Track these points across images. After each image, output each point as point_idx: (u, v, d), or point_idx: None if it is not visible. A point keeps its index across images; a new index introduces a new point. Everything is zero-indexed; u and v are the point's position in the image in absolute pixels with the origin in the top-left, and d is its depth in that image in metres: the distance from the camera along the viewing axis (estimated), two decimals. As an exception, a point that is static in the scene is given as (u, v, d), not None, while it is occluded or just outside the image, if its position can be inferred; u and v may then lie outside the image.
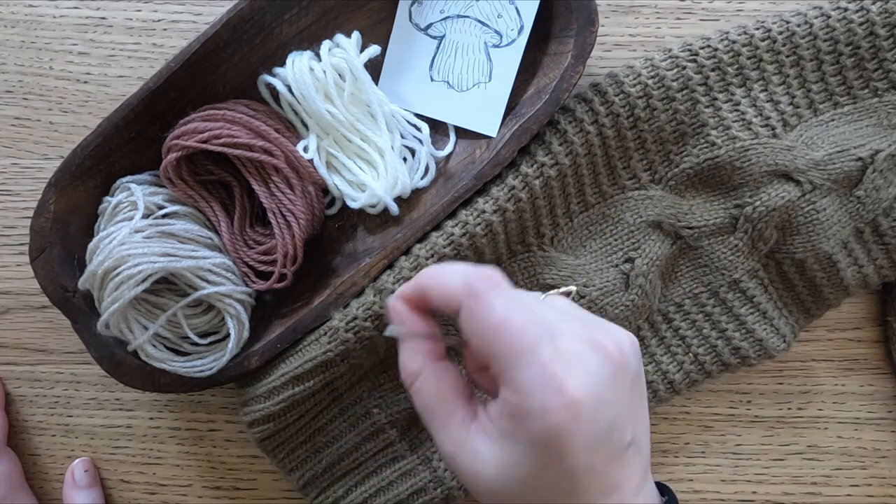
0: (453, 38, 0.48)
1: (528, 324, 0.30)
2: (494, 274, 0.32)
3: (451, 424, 0.32)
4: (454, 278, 0.32)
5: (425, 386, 0.33)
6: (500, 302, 0.31)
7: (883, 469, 0.51)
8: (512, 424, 0.30)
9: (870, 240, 0.48)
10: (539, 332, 0.30)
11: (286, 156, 0.44)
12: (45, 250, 0.44)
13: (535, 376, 0.29)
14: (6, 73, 0.50)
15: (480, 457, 0.31)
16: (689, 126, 0.46)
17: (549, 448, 0.29)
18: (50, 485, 0.51)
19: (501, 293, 0.31)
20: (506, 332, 0.30)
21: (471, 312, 0.31)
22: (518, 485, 0.30)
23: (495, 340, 0.30)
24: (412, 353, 0.34)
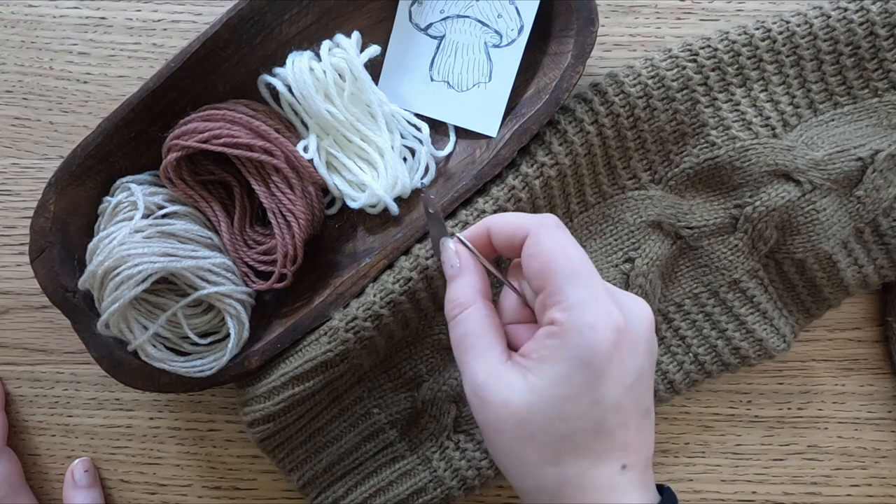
0: (453, 38, 0.48)
1: (584, 256, 0.34)
2: (557, 218, 0.36)
3: (490, 355, 0.34)
4: (521, 216, 0.36)
5: (473, 316, 0.35)
6: (565, 235, 0.35)
7: (883, 469, 0.51)
8: (556, 342, 0.32)
9: (870, 240, 0.48)
10: (591, 267, 0.34)
11: (286, 156, 0.44)
12: (45, 250, 0.44)
13: (589, 297, 0.32)
14: (6, 73, 0.50)
15: (514, 385, 0.33)
16: (689, 126, 0.46)
17: (589, 367, 0.31)
18: (50, 485, 0.51)
19: (564, 230, 0.35)
20: (569, 256, 0.33)
21: (539, 237, 0.34)
22: (548, 408, 0.32)
23: (558, 260, 0.33)
24: (466, 285, 0.36)
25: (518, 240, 0.35)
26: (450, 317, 0.36)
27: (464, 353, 0.35)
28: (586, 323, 0.32)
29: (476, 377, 0.34)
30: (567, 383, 0.32)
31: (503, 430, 0.33)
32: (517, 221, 0.35)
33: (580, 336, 0.32)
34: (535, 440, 0.32)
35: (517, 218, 0.36)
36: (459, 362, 0.35)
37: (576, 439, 0.32)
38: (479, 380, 0.34)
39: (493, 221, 0.37)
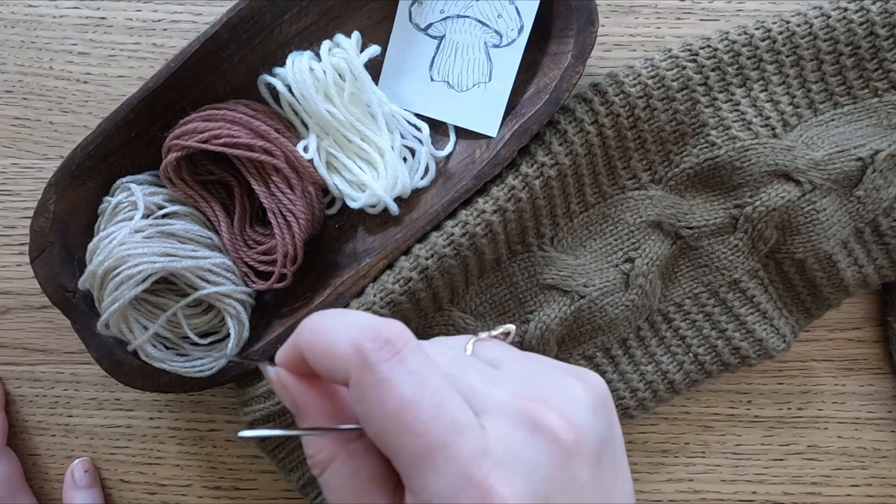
0: (453, 38, 0.48)
1: (442, 407, 0.22)
2: (396, 331, 0.24)
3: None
4: (341, 335, 0.24)
5: (337, 478, 0.25)
6: (403, 377, 0.23)
7: (883, 469, 0.51)
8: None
9: (870, 240, 0.48)
10: (455, 417, 0.22)
11: (286, 156, 0.44)
12: (45, 250, 0.44)
13: (449, 485, 0.22)
14: (6, 73, 0.50)
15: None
16: (689, 126, 0.46)
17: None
18: (50, 485, 0.51)
19: (405, 363, 0.23)
20: (409, 423, 0.22)
21: (362, 390, 0.23)
22: None
23: (395, 433, 0.22)
24: (316, 437, 0.26)
25: (340, 379, 0.24)
26: (315, 475, 0.27)
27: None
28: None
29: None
30: None
31: None
32: (333, 354, 0.24)
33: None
34: None
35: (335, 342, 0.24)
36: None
37: None
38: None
39: (305, 344, 0.25)
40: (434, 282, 0.45)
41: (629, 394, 0.48)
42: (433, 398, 0.22)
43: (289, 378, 0.26)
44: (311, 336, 0.25)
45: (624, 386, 0.48)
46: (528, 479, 0.22)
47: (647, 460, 0.51)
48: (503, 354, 0.27)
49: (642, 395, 0.48)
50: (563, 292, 0.46)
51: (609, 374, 0.48)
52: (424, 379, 0.23)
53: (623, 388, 0.48)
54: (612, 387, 0.48)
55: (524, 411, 0.23)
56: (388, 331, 0.23)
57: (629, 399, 0.48)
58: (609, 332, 0.47)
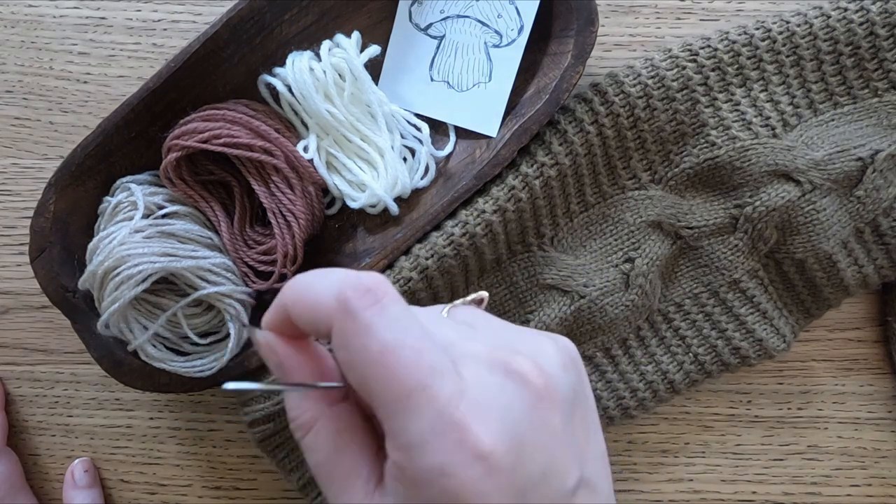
0: (453, 38, 0.48)
1: (422, 352, 0.23)
2: (378, 281, 0.24)
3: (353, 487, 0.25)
4: (323, 289, 0.24)
5: (320, 439, 0.26)
6: (384, 323, 0.23)
7: (883, 469, 0.51)
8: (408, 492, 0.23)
9: (870, 240, 0.48)
10: (434, 362, 0.23)
11: (286, 156, 0.44)
12: (45, 250, 0.44)
13: (429, 425, 0.22)
14: (6, 73, 0.50)
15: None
16: (689, 126, 0.46)
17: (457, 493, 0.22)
18: (50, 485, 0.51)
19: (386, 310, 0.24)
20: (390, 366, 0.23)
21: (344, 338, 0.24)
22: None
23: (376, 378, 0.23)
24: (300, 397, 0.26)
25: (323, 330, 0.25)
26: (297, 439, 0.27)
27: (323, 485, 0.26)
28: (433, 468, 0.22)
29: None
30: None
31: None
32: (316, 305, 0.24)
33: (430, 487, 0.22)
34: None
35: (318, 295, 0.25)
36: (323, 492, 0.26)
37: None
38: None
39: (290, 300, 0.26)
40: (434, 282, 0.45)
41: (629, 394, 0.48)
42: (413, 344, 0.23)
43: (275, 339, 0.26)
44: (294, 293, 0.25)
45: (624, 386, 0.48)
46: (503, 420, 0.23)
47: (647, 460, 0.51)
48: (477, 317, 0.28)
49: (642, 395, 0.48)
50: (563, 292, 0.46)
51: (609, 374, 0.48)
52: (405, 326, 0.24)
53: (623, 388, 0.48)
54: (613, 387, 0.48)
55: (498, 359, 0.24)
56: (369, 281, 0.24)
57: (629, 399, 0.48)
58: (609, 332, 0.47)
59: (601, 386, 0.48)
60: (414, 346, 0.23)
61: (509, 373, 0.24)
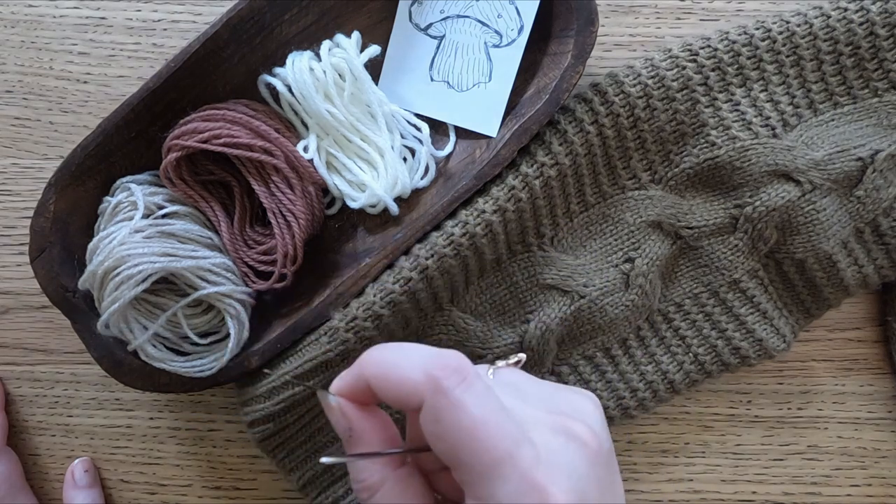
0: (453, 38, 0.48)
1: (504, 424, 0.26)
2: (459, 360, 0.27)
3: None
4: (412, 368, 0.27)
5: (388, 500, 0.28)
6: (472, 400, 0.26)
7: (883, 469, 0.51)
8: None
9: (870, 240, 0.48)
10: (514, 432, 0.26)
11: (286, 156, 0.44)
12: (45, 250, 0.44)
13: (515, 489, 0.25)
14: (6, 73, 0.50)
15: None
16: (689, 126, 0.46)
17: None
18: (50, 485, 0.51)
19: (472, 387, 0.26)
20: (481, 439, 0.25)
21: (437, 413, 0.26)
22: None
23: (468, 449, 0.25)
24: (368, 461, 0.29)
25: (411, 405, 0.27)
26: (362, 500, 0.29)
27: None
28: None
29: None
30: None
31: None
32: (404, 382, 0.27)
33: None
34: None
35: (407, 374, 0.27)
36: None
37: None
38: None
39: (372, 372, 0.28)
40: (434, 282, 0.45)
41: (629, 394, 0.48)
42: (497, 417, 0.26)
43: (348, 406, 0.29)
44: (379, 368, 0.28)
45: (624, 386, 0.48)
46: (570, 479, 0.26)
47: (647, 460, 0.51)
48: (519, 379, 0.31)
49: (642, 395, 0.48)
50: (563, 292, 0.46)
51: (609, 374, 0.48)
52: (488, 401, 0.27)
53: (623, 388, 0.48)
54: (613, 387, 0.48)
55: (558, 424, 0.27)
56: (454, 361, 0.27)
57: (629, 399, 0.48)
58: (609, 332, 0.47)
59: (601, 386, 0.48)
60: (498, 420, 0.26)
61: (570, 437, 0.27)
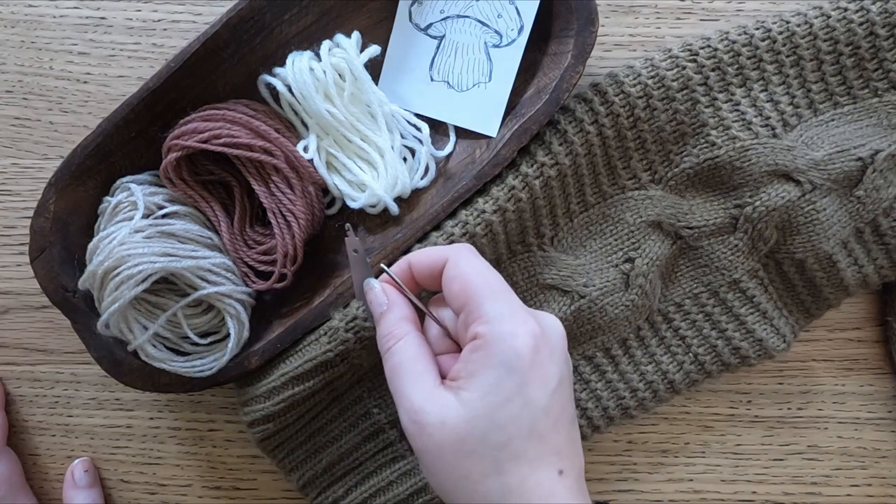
0: (453, 38, 0.48)
1: (500, 280, 0.37)
2: (471, 246, 0.38)
3: (424, 380, 0.35)
4: (439, 248, 0.38)
5: (408, 345, 0.37)
6: (479, 261, 0.37)
7: (883, 469, 0.51)
8: (481, 354, 0.34)
9: (870, 240, 0.48)
10: (507, 287, 0.37)
11: (286, 156, 0.44)
12: (45, 250, 0.44)
13: (507, 309, 0.35)
14: (6, 73, 0.50)
15: (449, 404, 0.34)
16: (689, 126, 0.46)
17: (515, 371, 0.33)
18: (50, 485, 0.51)
19: (479, 257, 0.37)
20: (485, 276, 0.36)
21: (457, 261, 0.37)
22: (484, 420, 0.33)
23: (476, 280, 0.36)
24: (397, 318, 0.38)
25: (438, 268, 0.37)
26: (384, 349, 0.37)
27: (399, 380, 0.36)
28: (506, 331, 0.34)
29: (412, 402, 0.35)
30: (497, 390, 0.33)
31: (443, 450, 0.34)
32: (436, 252, 0.38)
33: (502, 343, 0.34)
34: (475, 454, 0.33)
35: (436, 249, 0.38)
36: (394, 391, 0.36)
37: (513, 446, 0.33)
38: (416, 404, 0.35)
39: (414, 256, 0.39)
40: (434, 282, 0.44)
41: (629, 394, 0.48)
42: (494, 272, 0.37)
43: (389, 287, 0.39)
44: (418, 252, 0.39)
45: (624, 386, 0.48)
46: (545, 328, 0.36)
47: (647, 460, 0.51)
48: None
49: (642, 395, 0.48)
50: (563, 292, 0.46)
51: (609, 374, 0.48)
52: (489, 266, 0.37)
53: (623, 388, 0.48)
54: (613, 387, 0.48)
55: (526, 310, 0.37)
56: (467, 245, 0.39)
57: (629, 399, 0.48)
58: (609, 332, 0.47)
59: (601, 386, 0.48)
60: (494, 273, 0.37)
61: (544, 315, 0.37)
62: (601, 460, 0.51)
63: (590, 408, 0.48)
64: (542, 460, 0.34)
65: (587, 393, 0.48)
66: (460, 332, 0.37)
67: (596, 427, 0.48)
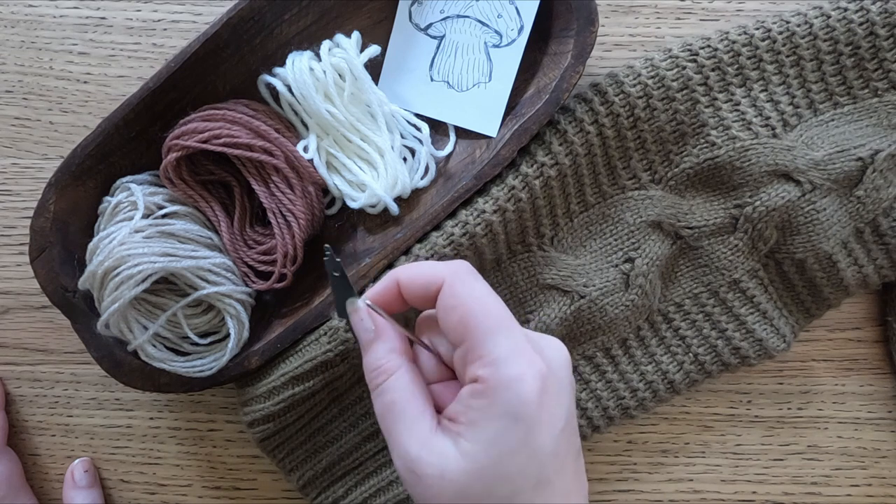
0: (453, 38, 0.48)
1: (502, 306, 0.33)
2: (469, 265, 0.35)
3: (420, 425, 0.32)
4: (432, 264, 0.35)
5: (399, 383, 0.33)
6: (480, 285, 0.34)
7: (883, 469, 0.51)
8: (483, 402, 0.31)
9: (870, 240, 0.48)
10: (509, 314, 0.33)
11: (286, 156, 0.44)
12: (45, 250, 0.44)
13: (511, 349, 0.32)
14: (6, 73, 0.50)
15: (448, 454, 0.31)
16: (689, 126, 0.46)
17: (521, 420, 0.31)
18: (50, 485, 0.51)
19: (479, 280, 0.34)
20: (487, 306, 0.33)
21: (454, 288, 0.33)
22: (488, 473, 0.31)
23: (477, 312, 0.32)
24: (387, 350, 0.34)
25: (432, 290, 0.34)
26: (373, 384, 0.34)
27: (392, 423, 0.33)
28: (512, 376, 0.31)
29: (408, 451, 0.32)
30: (502, 442, 0.31)
31: (444, 498, 0.31)
32: (429, 271, 0.34)
33: (507, 391, 0.31)
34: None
35: (429, 267, 0.34)
36: (387, 433, 0.34)
37: (519, 499, 0.31)
38: (412, 454, 0.32)
39: (403, 273, 0.35)
40: (434, 282, 0.44)
41: (629, 394, 0.48)
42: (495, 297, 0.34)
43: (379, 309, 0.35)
44: (409, 268, 0.35)
45: (624, 386, 0.48)
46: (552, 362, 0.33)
47: (647, 460, 0.51)
48: None
49: (642, 395, 0.48)
50: (563, 292, 0.46)
51: (609, 374, 0.48)
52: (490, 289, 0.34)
53: (623, 388, 0.48)
54: (613, 387, 0.48)
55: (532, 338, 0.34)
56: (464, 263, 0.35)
57: (629, 399, 0.48)
58: (609, 332, 0.47)
59: (601, 386, 0.48)
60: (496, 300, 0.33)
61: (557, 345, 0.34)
62: (601, 460, 0.51)
63: (590, 408, 0.48)
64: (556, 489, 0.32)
65: (587, 393, 0.48)
66: (457, 365, 0.34)
67: (596, 427, 0.48)
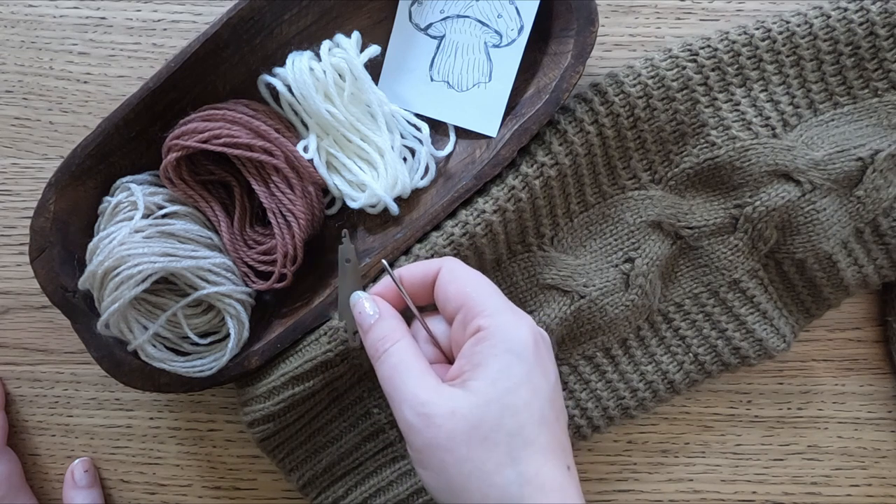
0: (453, 38, 0.48)
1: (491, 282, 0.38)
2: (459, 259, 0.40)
3: (428, 377, 0.35)
4: (427, 261, 0.39)
5: (405, 346, 0.36)
6: (472, 269, 0.38)
7: (883, 469, 0.51)
8: (486, 344, 0.35)
9: (870, 240, 0.48)
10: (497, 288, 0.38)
11: (286, 156, 0.44)
12: (45, 250, 0.44)
13: (506, 305, 0.36)
14: (6, 73, 0.50)
15: (457, 395, 0.34)
16: (689, 126, 0.46)
17: (522, 358, 0.34)
18: (50, 485, 0.51)
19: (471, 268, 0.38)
20: (480, 279, 0.37)
21: (451, 270, 0.38)
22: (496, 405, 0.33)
23: (474, 281, 0.37)
24: (391, 325, 0.38)
25: (430, 278, 0.38)
26: (380, 350, 0.37)
27: (400, 377, 0.35)
28: (510, 323, 0.35)
29: (417, 395, 0.34)
30: (507, 376, 0.34)
31: (455, 440, 0.33)
32: (426, 263, 0.39)
33: (507, 332, 0.35)
34: (489, 442, 0.33)
35: (425, 262, 0.39)
36: (394, 390, 0.35)
37: (526, 433, 0.33)
38: (422, 397, 0.34)
39: (402, 269, 0.39)
40: (434, 282, 0.44)
41: (629, 394, 0.48)
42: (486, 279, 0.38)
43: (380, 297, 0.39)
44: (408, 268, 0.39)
45: (624, 386, 0.48)
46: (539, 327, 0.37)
47: (647, 460, 0.51)
48: None
49: (642, 395, 0.48)
50: (563, 292, 0.46)
51: (609, 374, 0.48)
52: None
53: (623, 388, 0.48)
54: (613, 387, 0.48)
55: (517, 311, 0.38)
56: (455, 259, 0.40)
57: (629, 399, 0.48)
58: (609, 332, 0.47)
59: (601, 386, 0.48)
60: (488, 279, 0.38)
61: None
62: (601, 460, 0.51)
63: (590, 408, 0.48)
64: (553, 452, 0.34)
65: (587, 393, 0.48)
66: (456, 335, 0.37)
67: (596, 427, 0.48)
